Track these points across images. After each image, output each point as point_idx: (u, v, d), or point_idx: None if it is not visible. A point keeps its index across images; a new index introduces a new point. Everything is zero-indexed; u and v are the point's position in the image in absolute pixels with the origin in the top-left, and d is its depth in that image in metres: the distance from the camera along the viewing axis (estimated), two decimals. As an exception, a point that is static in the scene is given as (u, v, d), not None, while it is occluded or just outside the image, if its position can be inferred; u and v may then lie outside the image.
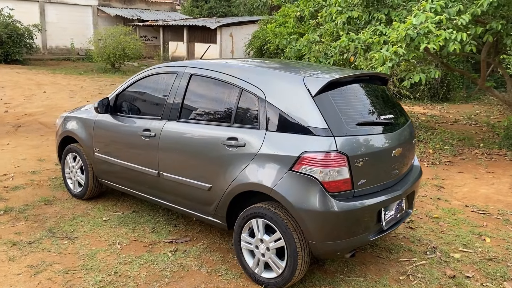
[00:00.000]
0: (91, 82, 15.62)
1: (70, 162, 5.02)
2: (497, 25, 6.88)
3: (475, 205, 5.30)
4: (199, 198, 3.72)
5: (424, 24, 6.26)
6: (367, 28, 7.51)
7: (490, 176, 6.52)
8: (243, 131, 3.38)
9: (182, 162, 3.79)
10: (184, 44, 23.58)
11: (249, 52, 19.01)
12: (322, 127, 3.05)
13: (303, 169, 3.03)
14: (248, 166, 3.30)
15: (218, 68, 3.73)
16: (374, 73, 3.80)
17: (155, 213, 4.66)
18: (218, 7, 31.27)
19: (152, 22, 25.58)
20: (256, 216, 3.30)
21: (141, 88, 4.33)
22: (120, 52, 19.22)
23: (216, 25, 20.82)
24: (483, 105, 14.04)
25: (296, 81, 3.29)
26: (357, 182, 3.12)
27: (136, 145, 4.15)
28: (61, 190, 5.26)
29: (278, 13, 14.58)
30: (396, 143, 3.45)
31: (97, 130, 4.57)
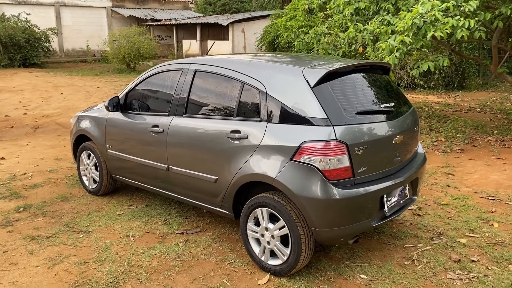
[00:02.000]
0: (106, 82, 15.91)
1: (84, 160, 5.20)
2: (507, 10, 6.80)
3: (485, 191, 5.30)
4: (206, 190, 3.84)
5: (431, 13, 6.24)
6: (375, 19, 7.51)
7: (502, 162, 6.48)
8: (245, 124, 3.48)
9: (189, 155, 3.91)
10: (197, 42, 23.76)
11: (261, 47, 19.07)
12: (321, 117, 3.12)
13: (304, 158, 3.11)
14: (251, 157, 3.40)
15: (220, 64, 3.84)
16: (375, 63, 3.85)
17: (167, 206, 4.81)
18: (231, 3, 31.38)
19: (165, 22, 25.83)
20: (261, 205, 3.41)
21: (149, 85, 4.47)
22: (134, 52, 19.50)
23: (227, 21, 20.93)
24: (500, 92, 13.83)
25: (295, 73, 3.37)
26: (357, 169, 3.19)
27: (146, 141, 4.30)
28: (77, 187, 5.45)
29: (288, 7, 14.59)
30: (397, 130, 3.50)
31: (109, 128, 4.73)
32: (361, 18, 8.30)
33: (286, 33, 13.74)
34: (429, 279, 3.39)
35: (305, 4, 9.78)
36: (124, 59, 19.75)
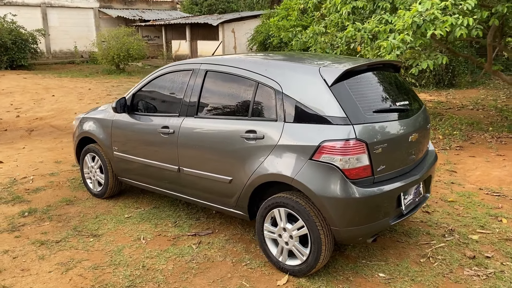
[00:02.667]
0: (97, 84, 15.73)
1: (89, 162, 5.12)
2: (503, 8, 6.90)
3: (489, 187, 5.36)
4: (220, 191, 3.81)
5: (430, 11, 6.29)
6: (372, 17, 7.55)
7: (501, 159, 6.56)
8: (261, 124, 3.46)
9: (201, 156, 3.88)
10: (187, 42, 23.63)
11: (252, 47, 19.05)
12: (340, 115, 3.12)
13: (323, 157, 3.10)
14: (268, 157, 3.38)
15: (233, 63, 3.81)
16: (387, 61, 3.86)
17: (175, 208, 4.76)
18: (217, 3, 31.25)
19: (154, 22, 25.65)
20: (278, 205, 3.39)
21: (157, 86, 4.41)
22: (124, 53, 19.31)
23: (217, 21, 20.86)
24: (489, 90, 14.02)
25: (312, 72, 3.36)
26: (376, 168, 3.19)
27: (155, 142, 4.24)
28: (81, 190, 5.37)
29: (280, 7, 14.60)
30: (412, 128, 3.51)
31: (115, 129, 4.66)
32: (358, 17, 8.35)
33: (279, 32, 13.78)
34: (447, 276, 3.41)
35: (300, 3, 9.79)
36: (114, 60, 19.55)
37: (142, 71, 21.08)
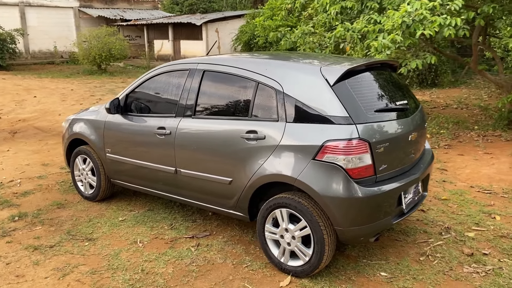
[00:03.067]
0: (79, 84, 15.45)
1: (79, 165, 5.01)
2: (489, 9, 7.02)
3: (479, 185, 5.43)
4: (219, 192, 3.76)
5: (419, 11, 6.36)
6: (361, 18, 7.59)
7: (489, 157, 6.67)
8: (262, 124, 3.43)
9: (200, 157, 3.82)
10: (170, 42, 23.43)
11: (236, 47, 19.00)
12: (343, 115, 3.11)
13: (327, 157, 3.09)
14: (269, 157, 3.35)
15: (231, 63, 3.77)
16: (384, 60, 3.88)
17: (170, 210, 4.69)
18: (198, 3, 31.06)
19: (135, 22, 25.35)
20: (280, 206, 3.36)
21: (151, 87, 4.34)
22: (106, 53, 19.02)
23: (201, 21, 20.74)
24: (471, 89, 14.26)
25: (313, 72, 3.34)
26: (378, 167, 3.19)
27: (150, 144, 4.17)
28: (71, 193, 5.25)
29: (265, 7, 14.59)
30: (411, 127, 3.53)
31: (108, 131, 4.57)
32: (346, 17, 8.38)
33: (264, 32, 13.77)
34: (447, 274, 3.44)
35: (287, 3, 9.79)
36: (95, 60, 19.23)
37: (124, 71, 20.81)
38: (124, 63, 22.79)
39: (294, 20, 13.18)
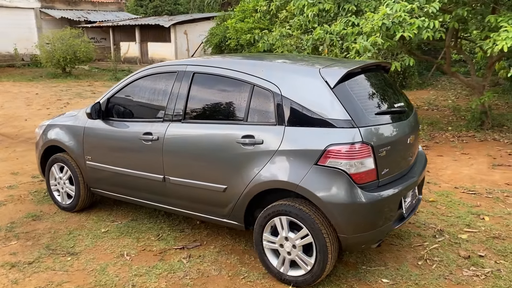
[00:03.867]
0: (44, 88, 14.82)
1: (56, 173, 4.71)
2: (463, 12, 7.15)
3: (463, 186, 5.48)
4: (212, 200, 3.59)
5: (398, 13, 6.39)
6: (338, 20, 7.58)
7: (467, 157, 6.77)
8: (259, 128, 3.29)
9: (191, 164, 3.64)
10: (137, 44, 22.89)
11: (207, 49, 18.75)
12: (345, 118, 3.01)
13: (330, 162, 2.98)
14: (268, 163, 3.21)
15: (223, 65, 3.61)
16: (379, 62, 3.81)
17: (155, 220, 4.47)
18: (163, 5, 30.53)
19: (100, 23, 24.65)
20: (280, 214, 3.22)
21: (136, 90, 4.11)
22: (71, 55, 18.36)
23: (169, 23, 20.37)
24: (438, 90, 14.61)
25: (312, 74, 3.23)
26: (381, 171, 3.11)
27: (135, 150, 3.95)
28: (47, 203, 4.93)
29: (237, 9, 14.45)
30: (409, 130, 3.48)
31: (88, 137, 4.31)
32: (323, 20, 8.36)
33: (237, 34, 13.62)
34: (448, 278, 3.39)
35: (263, 5, 9.69)
36: (59, 63, 18.53)
37: (90, 74, 20.18)
38: (89, 66, 22.10)
39: (266, 22, 13.11)
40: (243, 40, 13.42)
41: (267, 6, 9.61)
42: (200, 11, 30.23)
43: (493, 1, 7.62)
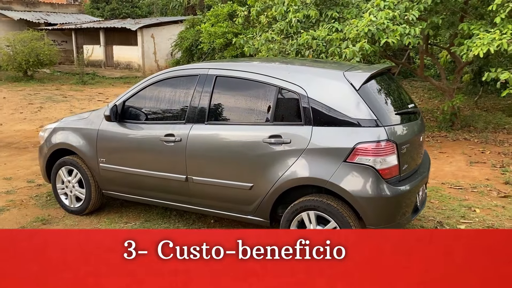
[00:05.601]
0: (10, 92, 14.32)
1: (64, 177, 4.68)
2: (438, 20, 7.66)
3: (448, 182, 5.89)
4: (237, 198, 3.73)
5: (381, 20, 6.76)
6: (322, 26, 7.89)
7: (445, 156, 7.24)
8: (286, 128, 3.47)
9: (216, 164, 3.77)
10: (101, 47, 22.49)
11: (175, 53, 18.73)
12: (371, 118, 3.26)
13: (359, 159, 3.21)
14: (297, 161, 3.40)
15: (248, 69, 3.77)
16: (389, 66, 4.10)
17: (168, 219, 4.55)
18: (120, 8, 30.09)
19: (62, 26, 24.00)
20: (308, 209, 3.42)
21: (154, 93, 4.18)
22: (33, 58, 17.81)
23: (136, 26, 20.16)
24: (402, 94, 15.31)
25: (337, 77, 3.46)
26: (402, 167, 3.38)
27: (156, 152, 4.03)
28: (52, 207, 4.89)
29: (209, 13, 14.56)
30: (420, 129, 3.78)
31: (103, 139, 4.33)
32: (304, 25, 8.66)
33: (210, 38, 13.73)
34: (458, 264, 3.70)
35: (242, 10, 9.88)
36: (21, 66, 17.91)
37: (53, 77, 19.64)
38: (51, 70, 21.46)
39: (239, 27, 13.31)
40: (217, 43, 13.61)
41: (247, 11, 9.81)
42: (162, 14, 30.04)
43: (461, 11, 8.20)
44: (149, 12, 32.78)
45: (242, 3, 12.65)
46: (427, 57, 10.58)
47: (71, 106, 11.72)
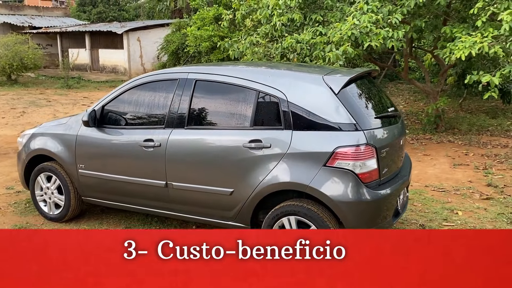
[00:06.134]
0: (-8, 96, 14.11)
1: (43, 183, 4.60)
2: (421, 23, 7.71)
3: (432, 184, 5.91)
4: (218, 204, 3.69)
5: (364, 24, 6.78)
6: (306, 29, 7.89)
7: (429, 158, 7.27)
8: (266, 133, 3.45)
9: (195, 169, 3.73)
10: (87, 50, 22.29)
11: (162, 56, 18.64)
12: (350, 122, 3.24)
13: (338, 163, 3.20)
14: (277, 166, 3.37)
15: (228, 73, 3.74)
16: (369, 70, 4.09)
17: (149, 226, 4.50)
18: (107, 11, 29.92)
19: (46, 29, 23.75)
20: (289, 214, 3.39)
21: (133, 98, 4.13)
22: (17, 62, 17.59)
23: (122, 30, 20.02)
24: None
25: (316, 81, 3.45)
26: (382, 171, 3.37)
27: (135, 157, 3.98)
28: (31, 215, 4.79)
29: (195, 16, 14.52)
30: (400, 132, 3.78)
31: (81, 145, 4.27)
32: (289, 29, 8.66)
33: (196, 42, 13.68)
34: (439, 267, 3.70)
35: (227, 14, 9.85)
36: (5, 70, 17.66)
37: (38, 82, 19.41)
38: (36, 74, 21.22)
39: (225, 30, 13.29)
40: (203, 47, 13.57)
41: (232, 14, 9.79)
42: (149, 18, 29.92)
43: (444, 14, 8.27)
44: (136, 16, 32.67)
45: (228, 7, 12.61)
46: (412, 60, 10.65)
47: (55, 111, 11.58)
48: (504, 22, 6.11)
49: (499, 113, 10.68)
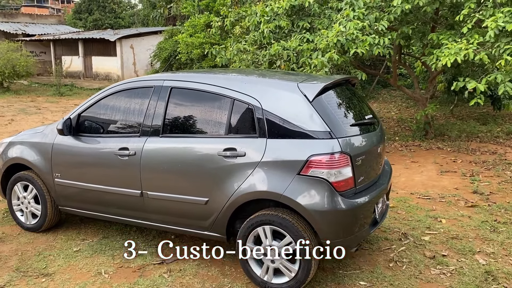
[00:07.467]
0: (-17, 104, 14.03)
1: (20, 193, 4.52)
2: (408, 30, 7.69)
3: (418, 192, 5.85)
4: (193, 213, 3.62)
5: (350, 31, 6.76)
6: (293, 36, 7.87)
7: (417, 165, 7.23)
8: (241, 141, 3.39)
9: (170, 178, 3.67)
10: (80, 58, 22.26)
11: (154, 63, 18.60)
12: (324, 130, 3.19)
13: (312, 172, 3.14)
14: (251, 174, 3.31)
15: (203, 80, 3.68)
16: (349, 77, 4.04)
17: (127, 236, 4.40)
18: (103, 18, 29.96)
19: (40, 36, 23.72)
20: (263, 223, 3.32)
21: (109, 105, 4.08)
22: (9, 70, 17.54)
23: (115, 37, 20.00)
24: (380, 103, 15.39)
25: (291, 88, 3.39)
26: (357, 179, 3.31)
27: (110, 166, 3.91)
28: (8, 225, 4.71)
29: (187, 23, 14.51)
30: (379, 140, 3.73)
31: (57, 154, 4.20)
32: (277, 36, 8.64)
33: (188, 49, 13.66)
34: (419, 277, 3.64)
35: (217, 21, 9.85)
36: (-3, 77, 17.62)
37: (30, 89, 19.34)
38: (28, 81, 21.16)
39: (217, 37, 13.28)
40: (194, 54, 13.55)
41: (221, 22, 9.78)
42: (144, 25, 29.98)
43: (432, 21, 8.26)
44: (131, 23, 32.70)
45: (219, 14, 12.61)
46: (401, 67, 10.63)
47: (44, 119, 11.50)
48: (489, 29, 6.10)
49: (489, 119, 10.66)
